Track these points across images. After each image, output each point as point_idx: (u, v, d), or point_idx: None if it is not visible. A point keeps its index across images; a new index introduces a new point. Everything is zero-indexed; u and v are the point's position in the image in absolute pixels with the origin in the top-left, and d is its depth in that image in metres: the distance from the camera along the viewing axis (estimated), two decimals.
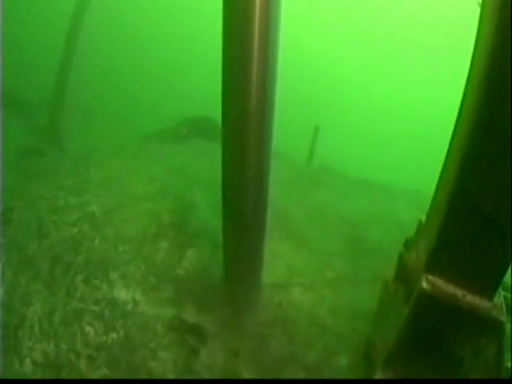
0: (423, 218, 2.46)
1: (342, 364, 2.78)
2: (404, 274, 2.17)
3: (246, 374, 2.61)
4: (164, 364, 2.51)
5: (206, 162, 5.52)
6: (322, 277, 3.65)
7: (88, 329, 2.67)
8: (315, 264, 3.82)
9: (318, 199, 5.33)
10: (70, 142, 7.36)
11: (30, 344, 2.59)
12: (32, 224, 3.66)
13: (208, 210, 4.22)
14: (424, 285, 1.87)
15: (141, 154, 5.35)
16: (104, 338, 2.62)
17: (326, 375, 2.68)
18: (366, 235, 4.71)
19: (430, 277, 1.89)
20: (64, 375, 2.45)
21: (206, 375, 2.51)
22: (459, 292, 1.87)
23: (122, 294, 2.94)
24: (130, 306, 2.85)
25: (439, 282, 1.87)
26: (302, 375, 2.66)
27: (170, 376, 2.46)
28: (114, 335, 2.64)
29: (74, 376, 2.44)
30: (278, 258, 3.70)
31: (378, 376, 2.19)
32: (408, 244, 2.47)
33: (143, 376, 2.42)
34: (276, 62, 2.41)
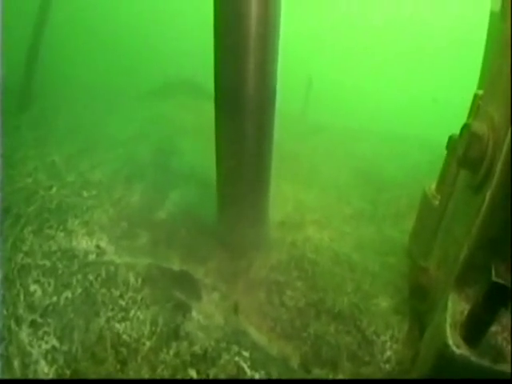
0: (479, 92, 1.76)
1: (384, 306, 1.95)
2: (474, 154, 1.39)
3: (256, 335, 1.77)
4: (138, 326, 1.66)
5: (190, 114, 4.63)
6: (338, 212, 2.81)
7: (34, 288, 1.82)
8: (329, 200, 2.98)
9: (322, 140, 4.47)
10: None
11: None
12: None
13: (193, 154, 3.33)
14: None
15: (116, 104, 4.44)
16: (54, 299, 1.77)
17: (366, 322, 1.84)
18: (380, 172, 3.87)
19: None
20: (2, 349, 1.60)
21: (200, 339, 1.67)
22: None
23: (82, 243, 2.08)
24: (92, 257, 1.99)
25: None
26: (332, 327, 1.82)
27: (148, 343, 1.61)
28: (68, 294, 1.79)
29: (14, 349, 1.59)
30: (284, 195, 2.86)
31: (452, 300, 1.43)
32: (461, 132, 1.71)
33: (106, 344, 1.57)
34: None
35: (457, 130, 1.87)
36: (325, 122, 5.76)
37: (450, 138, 1.99)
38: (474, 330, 1.30)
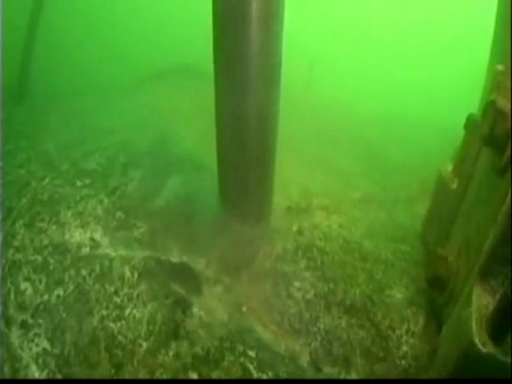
0: (499, 67, 1.58)
1: (398, 298, 1.81)
2: (500, 132, 1.24)
3: (262, 332, 1.64)
4: (134, 326, 1.52)
5: (187, 97, 4.43)
6: (346, 198, 2.65)
7: (24, 286, 1.69)
8: (335, 185, 2.82)
9: (325, 125, 4.27)
10: None
11: None
12: None
13: (190, 139, 3.16)
14: None
15: (111, 91, 4.26)
16: (45, 297, 1.63)
17: (379, 315, 1.70)
18: (387, 157, 3.69)
19: None
20: None
21: (202, 338, 1.54)
22: None
23: (75, 236, 1.94)
24: (85, 250, 1.85)
25: None
26: (344, 321, 1.69)
27: (145, 345, 1.48)
28: (60, 291, 1.65)
29: (4, 353, 1.47)
30: (289, 181, 2.69)
31: (476, 293, 1.29)
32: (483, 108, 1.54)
33: (100, 346, 1.44)
34: None
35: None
36: (328, 106, 5.56)
37: (469, 117, 1.82)
38: (501, 325, 1.17)
